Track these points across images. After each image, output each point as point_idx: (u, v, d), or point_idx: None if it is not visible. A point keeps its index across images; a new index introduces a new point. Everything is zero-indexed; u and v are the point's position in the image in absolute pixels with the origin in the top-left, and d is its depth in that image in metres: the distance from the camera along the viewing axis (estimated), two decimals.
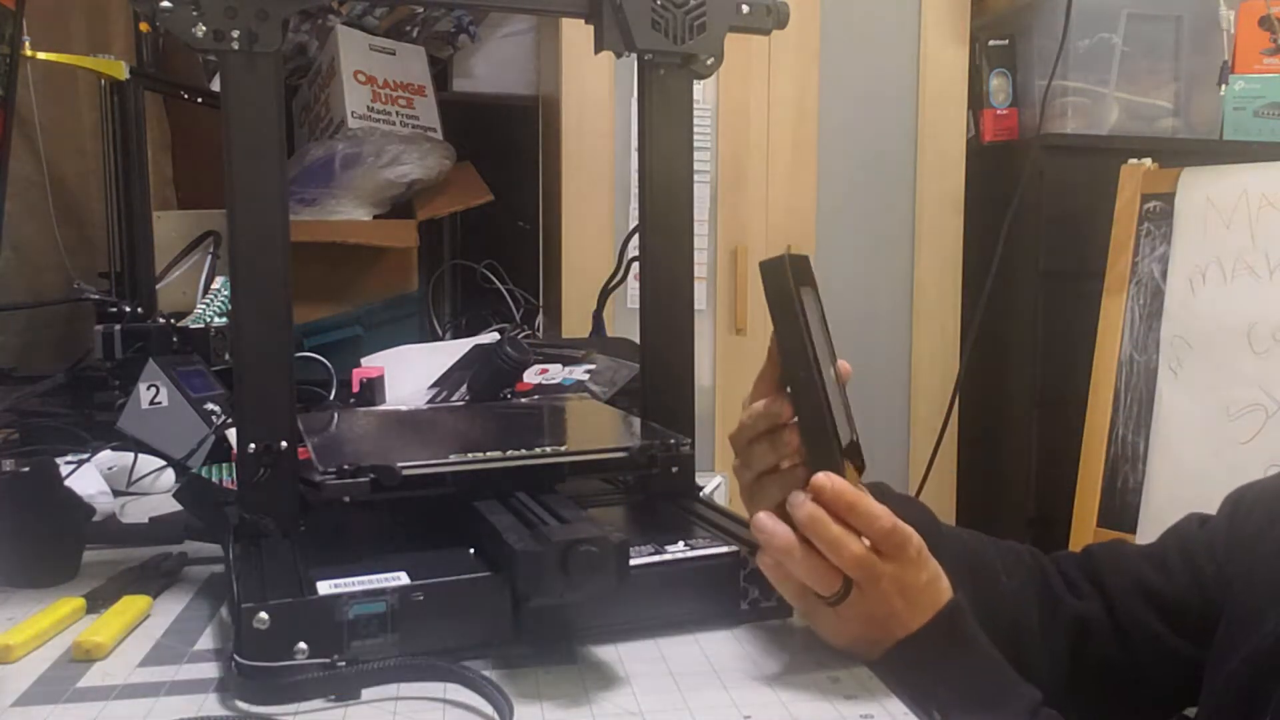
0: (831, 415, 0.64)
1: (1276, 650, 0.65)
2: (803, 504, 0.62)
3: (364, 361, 1.21)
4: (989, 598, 0.74)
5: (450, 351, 1.19)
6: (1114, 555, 0.80)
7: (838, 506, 0.61)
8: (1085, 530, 1.74)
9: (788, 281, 0.63)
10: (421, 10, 2.06)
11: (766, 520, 0.63)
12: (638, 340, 0.88)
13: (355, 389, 1.10)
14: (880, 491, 0.70)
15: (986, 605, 0.72)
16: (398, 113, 1.96)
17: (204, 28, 0.70)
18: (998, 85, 2.10)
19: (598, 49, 0.82)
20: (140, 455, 1.08)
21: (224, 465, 1.09)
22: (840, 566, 0.61)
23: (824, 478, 0.61)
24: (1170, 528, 0.81)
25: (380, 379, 1.10)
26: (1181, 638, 0.75)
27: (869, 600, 0.63)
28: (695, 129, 0.86)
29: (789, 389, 0.65)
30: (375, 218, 1.84)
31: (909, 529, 0.63)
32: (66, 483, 0.86)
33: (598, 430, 0.94)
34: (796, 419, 0.65)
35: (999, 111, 2.11)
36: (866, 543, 0.62)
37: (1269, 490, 0.76)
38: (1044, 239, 1.95)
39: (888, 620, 0.63)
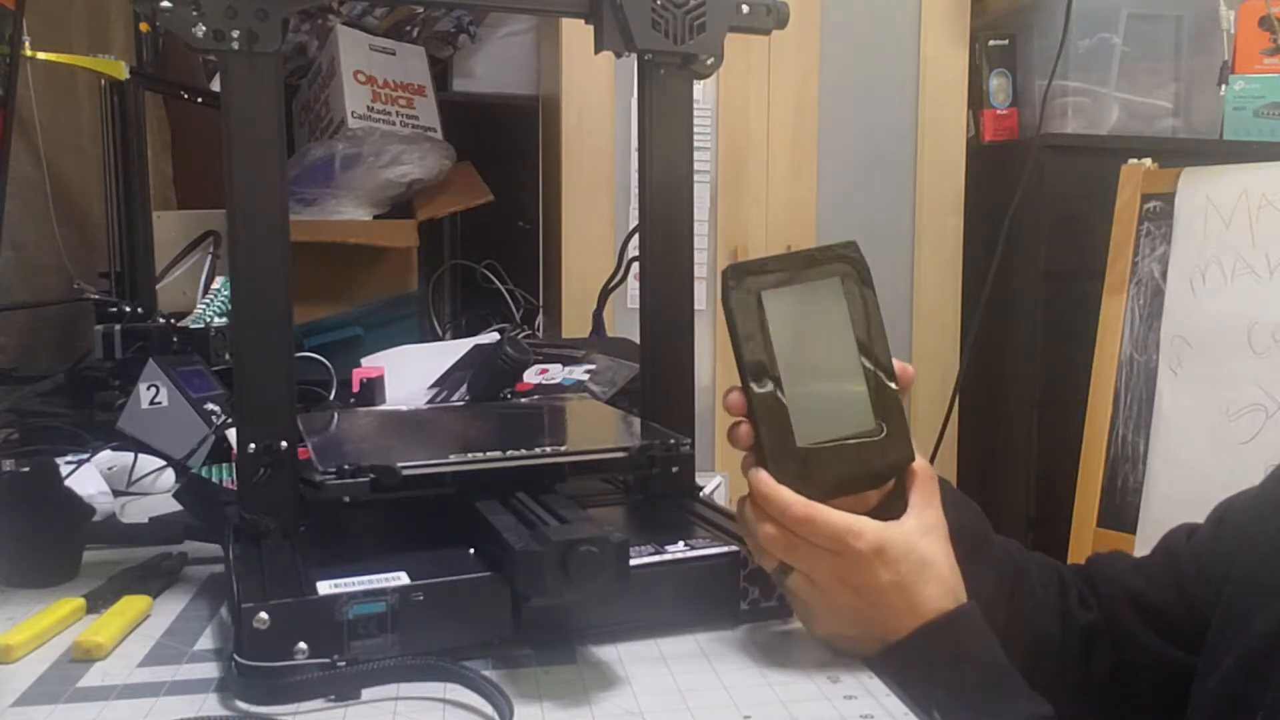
0: (783, 415, 0.66)
1: (1265, 652, 0.65)
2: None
3: (364, 361, 1.21)
4: (1023, 608, 0.75)
5: (450, 351, 1.19)
6: (1108, 566, 0.82)
7: (756, 497, 0.66)
8: (1085, 530, 1.74)
9: (726, 291, 0.66)
10: (421, 10, 2.06)
11: (740, 501, 0.68)
12: (638, 340, 0.88)
13: (355, 389, 1.10)
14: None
15: (1020, 616, 0.74)
16: (398, 113, 1.96)
17: (204, 28, 0.70)
18: (998, 85, 2.10)
19: (598, 49, 0.82)
20: (140, 455, 1.08)
21: (224, 465, 1.09)
22: (760, 543, 0.66)
23: (750, 473, 0.66)
24: (1160, 539, 0.82)
25: (380, 379, 1.10)
26: (1171, 645, 0.75)
27: (820, 591, 0.65)
28: (695, 129, 0.86)
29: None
30: (375, 218, 1.84)
31: (851, 524, 0.64)
32: (66, 483, 0.86)
33: (598, 430, 0.94)
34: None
35: (999, 111, 2.11)
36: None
37: (1254, 497, 0.77)
38: (1044, 239, 1.95)
39: (852, 616, 0.65)
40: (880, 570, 0.64)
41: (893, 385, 0.69)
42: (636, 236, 0.87)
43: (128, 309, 1.42)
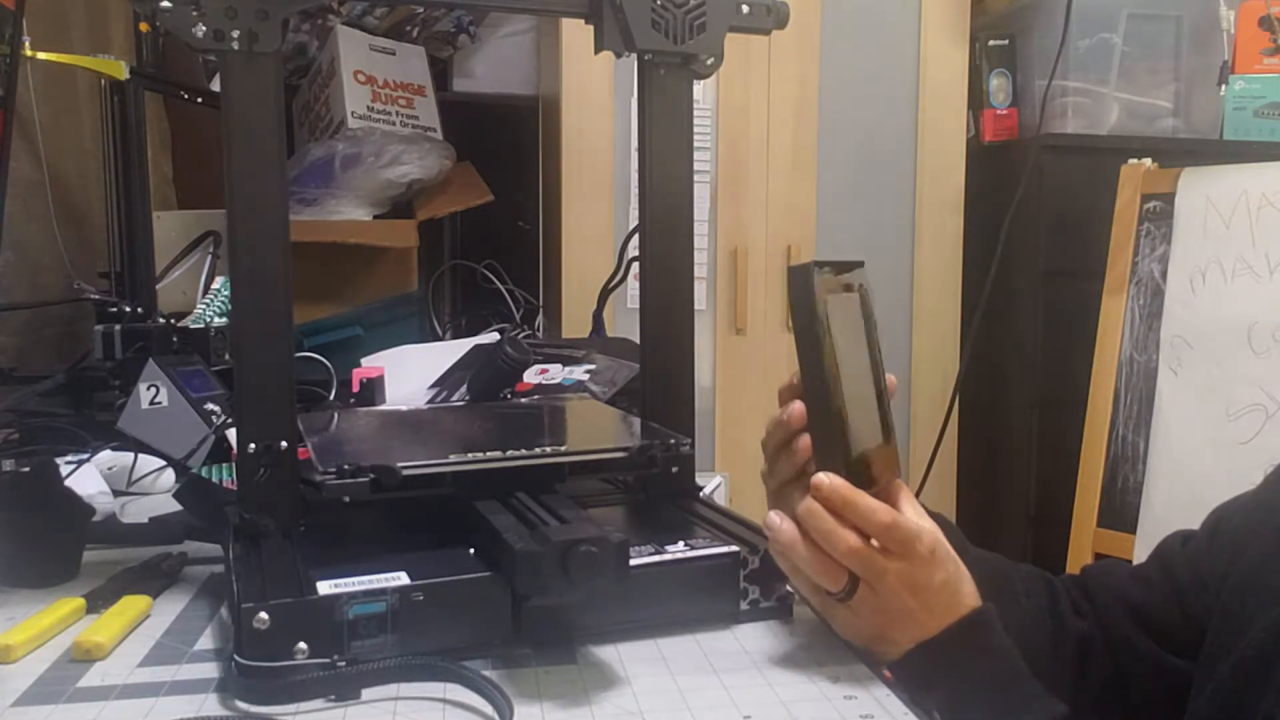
0: (844, 421, 0.64)
1: (1261, 657, 0.65)
2: (803, 500, 0.63)
3: (364, 361, 1.21)
4: (1009, 618, 0.75)
5: (450, 351, 1.19)
6: (1104, 574, 0.82)
7: (834, 503, 0.62)
8: (1085, 530, 1.74)
9: (810, 289, 0.64)
10: (421, 10, 2.06)
11: (774, 517, 0.65)
12: (638, 340, 0.88)
13: (355, 389, 1.10)
14: None
15: (1007, 625, 0.73)
16: (398, 113, 1.96)
17: (204, 28, 0.70)
18: (998, 85, 2.10)
19: (598, 49, 0.82)
20: (140, 455, 1.08)
21: (224, 465, 1.09)
22: (838, 559, 0.63)
23: (822, 476, 0.63)
24: (1155, 547, 0.82)
25: (380, 379, 1.10)
26: (1168, 652, 0.76)
27: (880, 596, 0.63)
28: (695, 129, 0.86)
29: (805, 394, 0.66)
30: (375, 218, 1.84)
31: (918, 526, 0.64)
32: (66, 483, 0.86)
33: (598, 430, 0.94)
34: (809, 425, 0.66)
35: (999, 111, 2.11)
36: (875, 543, 0.63)
37: (1248, 503, 0.77)
38: (1044, 239, 1.95)
39: (903, 618, 0.64)
40: (935, 571, 0.64)
41: (888, 399, 0.69)
42: (636, 236, 0.87)
43: (128, 309, 1.42)
